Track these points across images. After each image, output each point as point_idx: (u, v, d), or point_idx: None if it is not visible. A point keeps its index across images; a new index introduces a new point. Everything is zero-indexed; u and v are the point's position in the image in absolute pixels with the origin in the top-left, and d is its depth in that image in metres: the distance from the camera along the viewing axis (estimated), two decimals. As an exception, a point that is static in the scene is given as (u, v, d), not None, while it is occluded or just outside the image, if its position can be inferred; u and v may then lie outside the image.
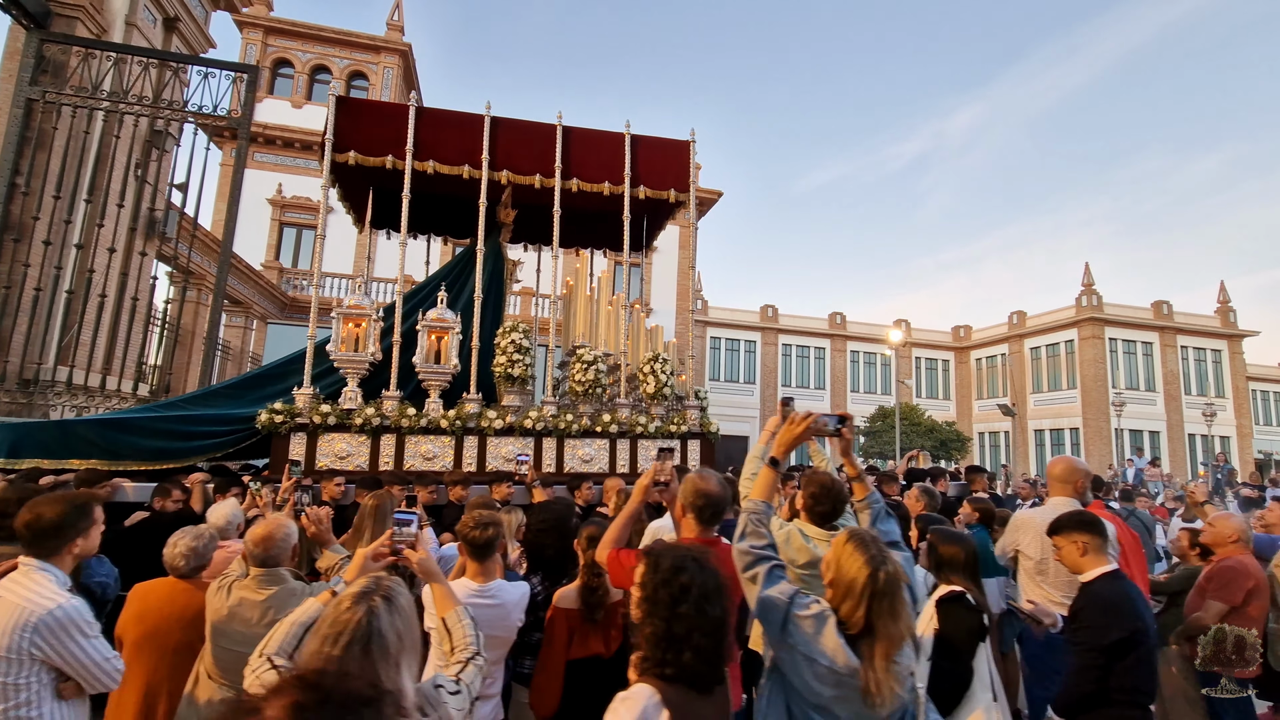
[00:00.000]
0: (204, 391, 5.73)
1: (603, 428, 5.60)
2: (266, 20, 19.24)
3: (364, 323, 5.34)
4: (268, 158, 19.10)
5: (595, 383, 5.70)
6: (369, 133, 5.75)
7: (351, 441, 5.17)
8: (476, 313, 5.68)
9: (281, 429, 4.99)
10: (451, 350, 5.46)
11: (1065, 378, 29.15)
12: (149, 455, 4.76)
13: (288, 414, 5.01)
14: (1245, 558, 3.43)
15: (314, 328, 5.42)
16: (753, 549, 1.84)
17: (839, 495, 2.66)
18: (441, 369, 5.42)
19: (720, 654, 1.52)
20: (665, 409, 5.96)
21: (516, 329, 5.64)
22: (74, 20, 8.00)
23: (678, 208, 6.75)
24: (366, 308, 5.36)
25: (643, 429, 5.68)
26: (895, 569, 1.70)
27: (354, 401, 5.23)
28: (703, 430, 5.89)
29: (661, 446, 3.28)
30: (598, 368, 5.69)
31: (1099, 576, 2.50)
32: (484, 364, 5.76)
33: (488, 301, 6.21)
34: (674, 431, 5.77)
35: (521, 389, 5.71)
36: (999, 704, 2.50)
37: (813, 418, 2.19)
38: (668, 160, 6.32)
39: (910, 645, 1.69)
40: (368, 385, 5.47)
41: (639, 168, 6.19)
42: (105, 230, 7.28)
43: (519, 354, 5.54)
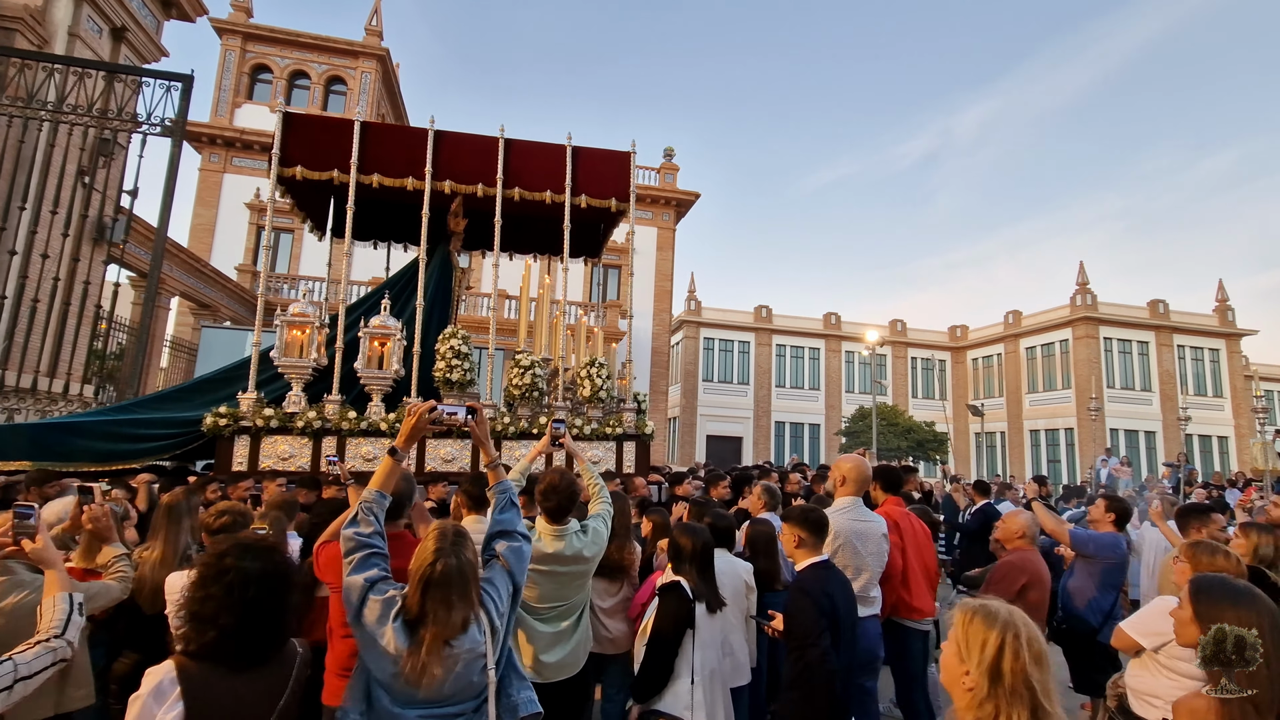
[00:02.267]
0: (155, 396, 6.04)
1: (539, 430, 5.85)
2: (245, 27, 19.63)
3: (307, 329, 5.63)
4: (246, 163, 19.51)
5: (532, 386, 5.96)
6: (316, 147, 6.03)
7: (294, 444, 5.45)
8: (418, 320, 5.95)
9: (225, 431, 5.28)
10: (393, 356, 5.73)
11: (1060, 378, 29.20)
12: (99, 457, 5.06)
13: (231, 417, 5.30)
14: (1027, 553, 3.65)
15: (259, 334, 5.70)
16: (356, 535, 1.91)
17: (566, 493, 2.81)
18: (383, 374, 5.70)
19: (255, 636, 1.56)
20: (603, 411, 6.21)
21: (456, 335, 5.90)
22: (13, 31, 8.32)
23: (620, 215, 6.99)
24: (309, 315, 5.64)
25: (578, 431, 5.93)
26: (461, 563, 1.78)
27: (298, 405, 5.51)
28: (638, 432, 6.14)
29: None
30: (534, 372, 5.95)
31: (806, 566, 2.74)
32: (428, 369, 6.02)
33: (434, 308, 6.48)
34: (609, 434, 6.02)
35: (462, 393, 5.97)
36: (699, 685, 2.70)
37: (427, 407, 2.20)
38: (608, 170, 6.56)
39: (479, 631, 1.80)
40: (314, 390, 5.76)
41: (580, 177, 6.44)
42: (50, 236, 7.61)
43: (458, 359, 5.80)
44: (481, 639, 1.83)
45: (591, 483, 3.25)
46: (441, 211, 6.70)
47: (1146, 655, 2.49)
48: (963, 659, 1.39)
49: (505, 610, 1.97)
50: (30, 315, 7.64)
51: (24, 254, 7.77)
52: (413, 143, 6.19)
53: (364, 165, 6.03)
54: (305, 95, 20.26)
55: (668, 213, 22.92)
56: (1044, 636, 2.72)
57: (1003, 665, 1.32)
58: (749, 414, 31.36)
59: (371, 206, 6.90)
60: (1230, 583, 1.83)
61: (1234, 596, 1.78)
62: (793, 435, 31.84)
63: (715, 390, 31.30)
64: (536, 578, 2.75)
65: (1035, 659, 1.33)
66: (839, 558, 3.23)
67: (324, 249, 19.12)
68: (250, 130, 19.19)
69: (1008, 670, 1.32)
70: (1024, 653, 1.32)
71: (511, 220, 6.85)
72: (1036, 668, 1.32)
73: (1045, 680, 1.33)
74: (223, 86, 19.53)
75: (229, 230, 19.47)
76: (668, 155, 22.93)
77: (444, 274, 6.79)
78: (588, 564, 2.90)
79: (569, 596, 2.89)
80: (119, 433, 5.14)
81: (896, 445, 23.16)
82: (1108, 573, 4.02)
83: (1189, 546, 2.68)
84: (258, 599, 1.55)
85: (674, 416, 31.64)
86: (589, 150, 6.57)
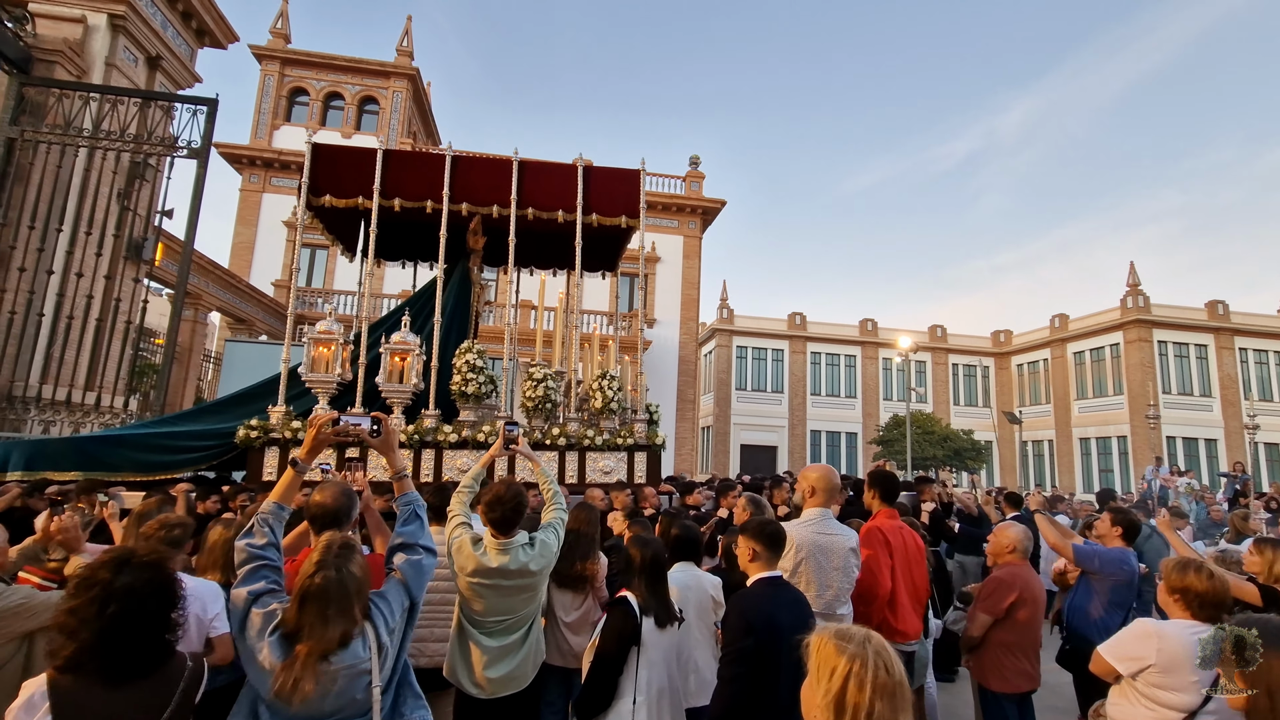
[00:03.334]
0: (194, 409, 6.45)
1: (551, 441, 6.04)
2: (283, 52, 20.68)
3: (332, 346, 5.95)
4: (284, 182, 20.43)
5: (545, 398, 6.14)
6: (342, 175, 6.38)
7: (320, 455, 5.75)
8: (436, 335, 6.21)
9: (256, 443, 5.62)
10: (412, 370, 6.00)
11: (1111, 383, 28.07)
12: (142, 467, 5.45)
13: (262, 430, 5.64)
14: (1017, 569, 3.51)
15: (288, 350, 6.05)
16: (248, 547, 1.89)
17: (511, 504, 2.76)
18: (403, 388, 5.97)
19: (120, 651, 1.55)
20: (616, 423, 6.36)
21: (471, 350, 6.14)
22: (54, 63, 9.04)
23: (633, 232, 7.14)
24: (335, 333, 5.96)
25: (590, 442, 6.09)
26: (342, 576, 1.73)
27: (323, 418, 5.82)
28: (649, 443, 6.26)
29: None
30: (547, 384, 6.14)
31: (755, 581, 2.60)
32: (446, 382, 6.27)
33: (453, 324, 6.75)
34: (620, 444, 6.16)
35: (478, 405, 6.20)
36: (641, 706, 2.57)
37: (328, 419, 2.21)
38: (618, 188, 6.73)
39: (362, 646, 1.76)
40: (339, 403, 6.07)
41: (591, 196, 6.63)
42: (88, 256, 8.22)
43: (473, 373, 6.03)
44: (365, 655, 1.77)
45: (546, 489, 3.17)
46: (461, 230, 6.98)
47: (1125, 682, 2.40)
48: (814, 687, 1.29)
49: (396, 626, 1.91)
50: (66, 331, 8.28)
51: (61, 273, 8.46)
52: (431, 167, 6.49)
53: (386, 190, 6.35)
54: (340, 115, 21.23)
55: (694, 221, 23.02)
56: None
57: (846, 697, 1.23)
58: (784, 423, 31.06)
59: (397, 228, 7.23)
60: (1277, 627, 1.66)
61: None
62: (829, 444, 31.39)
63: (749, 399, 31.13)
64: (482, 591, 2.72)
65: (882, 692, 1.22)
66: (801, 573, 3.10)
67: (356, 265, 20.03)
68: (288, 151, 20.15)
69: (850, 703, 1.22)
70: (868, 685, 1.22)
71: (529, 236, 7.08)
72: (883, 702, 1.21)
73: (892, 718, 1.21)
74: (262, 110, 20.58)
75: (268, 247, 20.46)
76: (693, 163, 23.06)
77: (464, 290, 7.06)
78: (534, 578, 2.82)
79: (516, 610, 2.81)
80: (159, 444, 5.53)
81: (932, 454, 22.60)
82: (1115, 591, 3.82)
83: (1166, 563, 2.57)
84: (121, 614, 1.54)
85: (707, 426, 31.58)
86: (600, 169, 6.77)
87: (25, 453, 5.21)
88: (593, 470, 6.12)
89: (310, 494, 2.68)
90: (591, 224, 6.63)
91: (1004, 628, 3.42)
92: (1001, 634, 3.43)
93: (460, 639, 2.81)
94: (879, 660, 1.25)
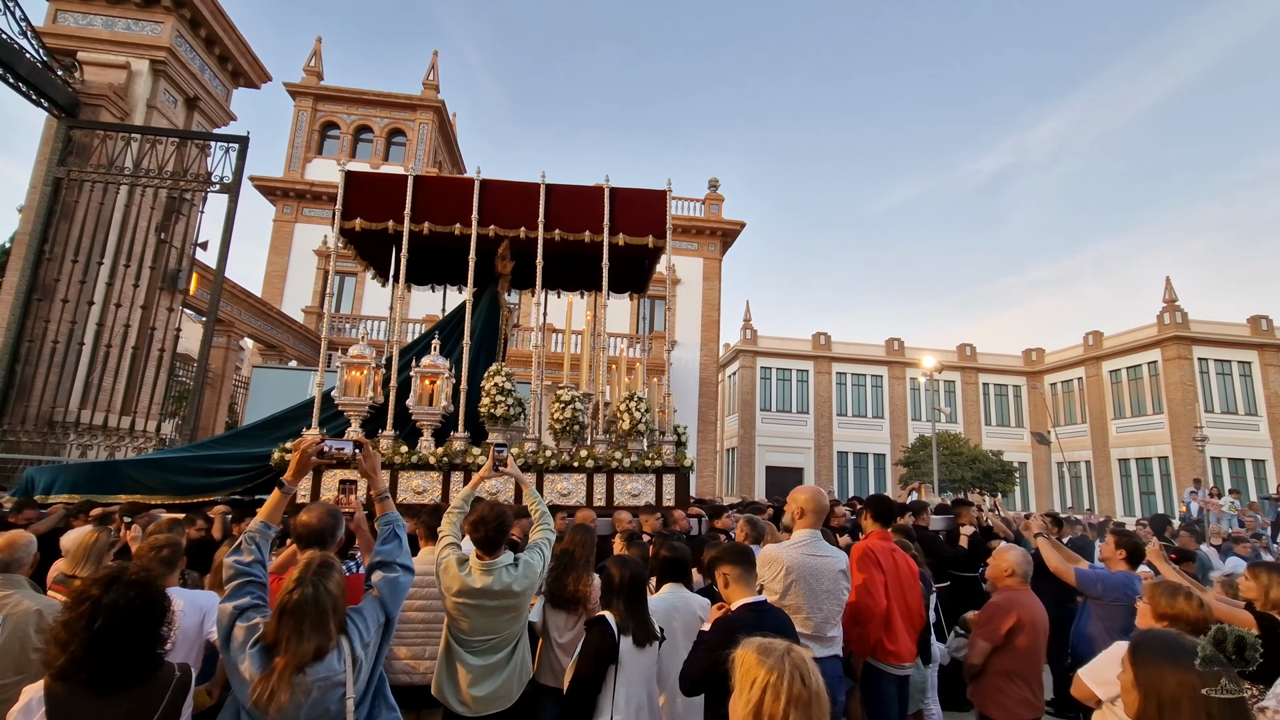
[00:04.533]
0: (231, 433, 6.60)
1: (579, 463, 6.06)
2: (315, 89, 21.78)
3: (365, 370, 6.07)
4: (315, 212, 21.32)
5: (573, 420, 6.18)
6: (374, 201, 6.58)
7: (351, 477, 5.83)
8: (465, 358, 6.30)
9: (290, 466, 5.73)
10: (442, 393, 6.09)
11: (1150, 402, 27.29)
12: (180, 490, 5.59)
13: (296, 453, 5.75)
14: (1017, 594, 3.39)
15: (322, 374, 6.18)
16: (235, 564, 1.99)
17: (495, 524, 2.83)
18: (432, 410, 6.06)
19: (107, 663, 1.65)
20: (643, 445, 6.36)
21: (500, 372, 6.22)
22: (99, 107, 9.53)
23: (660, 251, 7.21)
24: (367, 357, 6.09)
25: (618, 464, 6.10)
26: (318, 592, 1.83)
27: (355, 441, 5.93)
28: (677, 465, 6.24)
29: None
30: (575, 406, 6.18)
31: (739, 607, 2.57)
32: (475, 405, 6.35)
33: (481, 346, 6.85)
34: (648, 466, 6.15)
35: (506, 427, 6.25)
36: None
37: (312, 441, 2.27)
38: (645, 209, 6.82)
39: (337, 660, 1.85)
40: (371, 427, 6.18)
41: (617, 217, 6.73)
42: (126, 287, 8.61)
43: (501, 395, 6.10)
44: (340, 668, 1.87)
45: (534, 509, 3.22)
46: (490, 254, 7.12)
47: (1106, 707, 2.29)
48: (736, 698, 1.34)
49: (372, 640, 2.01)
50: (104, 359, 8.61)
51: (101, 304, 8.83)
52: (460, 192, 6.65)
53: (416, 215, 6.52)
54: (369, 148, 22.13)
55: (714, 243, 23.18)
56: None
57: (764, 708, 1.27)
58: (809, 444, 30.70)
59: (427, 253, 7.40)
60: (1172, 640, 1.62)
61: (1174, 656, 1.55)
62: (856, 465, 30.91)
63: (774, 420, 30.87)
64: (466, 610, 2.77)
65: (796, 702, 1.25)
66: (790, 596, 3.07)
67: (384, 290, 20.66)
68: (319, 183, 21.04)
69: (766, 713, 1.26)
70: (783, 696, 1.25)
71: (557, 259, 7.19)
72: (797, 712, 1.25)
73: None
74: (295, 143, 21.57)
75: (299, 275, 21.19)
76: (712, 186, 23.28)
77: (492, 313, 7.18)
78: (517, 598, 2.85)
79: (500, 629, 2.85)
80: (197, 468, 5.67)
81: (960, 476, 22.08)
82: (1119, 616, 3.71)
83: (1149, 587, 2.49)
84: (107, 629, 1.65)
85: (731, 447, 31.35)
86: (626, 191, 6.87)
87: (69, 477, 5.39)
88: (621, 493, 6.11)
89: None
90: (618, 244, 6.70)
91: (1004, 655, 3.31)
92: (1001, 661, 3.31)
93: (447, 657, 2.85)
94: (795, 672, 1.29)
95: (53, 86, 9.10)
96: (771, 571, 3.12)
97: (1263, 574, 3.00)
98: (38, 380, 8.59)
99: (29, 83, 8.71)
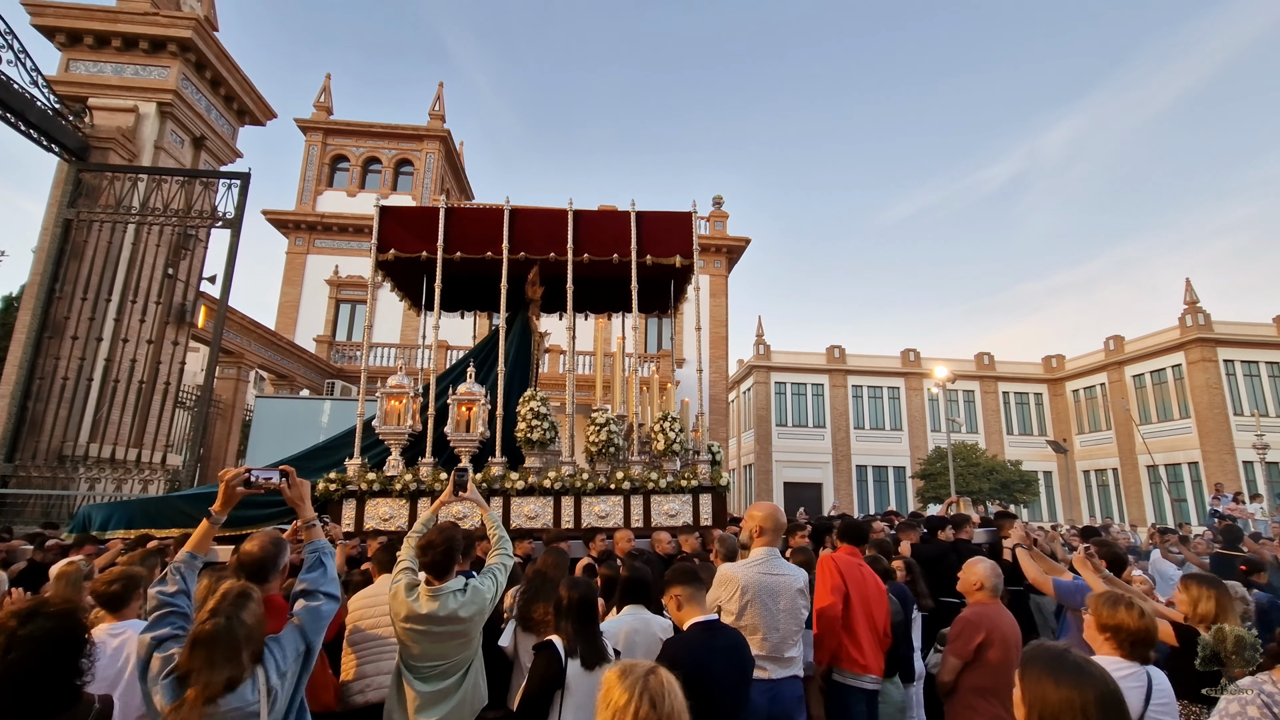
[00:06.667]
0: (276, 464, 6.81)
1: (616, 485, 6.24)
2: (325, 123, 22.70)
3: (403, 399, 6.30)
4: (326, 243, 22.07)
5: (608, 443, 6.37)
6: (407, 233, 6.86)
7: (393, 505, 6.05)
8: (500, 384, 6.52)
9: (335, 495, 5.94)
10: (478, 419, 6.30)
11: (1176, 406, 27.19)
12: (230, 523, 5.77)
13: (340, 482, 5.97)
14: (985, 608, 3.37)
15: (363, 404, 6.42)
16: (159, 594, 2.05)
17: (443, 548, 2.89)
18: (470, 436, 6.27)
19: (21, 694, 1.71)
20: (678, 464, 6.53)
21: (535, 397, 6.44)
22: (108, 150, 9.98)
23: (688, 271, 7.43)
24: (406, 386, 6.33)
25: (654, 485, 6.27)
26: (231, 623, 1.88)
27: (396, 469, 6.14)
28: (713, 484, 6.40)
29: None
30: (610, 429, 6.37)
31: (690, 626, 2.62)
32: (511, 430, 6.55)
33: (515, 372, 7.08)
34: (684, 486, 6.32)
35: (542, 451, 6.45)
36: None
37: (238, 473, 2.37)
38: (671, 230, 7.08)
39: (251, 690, 1.91)
40: (410, 454, 6.39)
41: (644, 238, 6.99)
42: (134, 322, 9.00)
43: (537, 419, 6.31)
44: (254, 699, 1.90)
45: (492, 533, 3.23)
46: (520, 280, 7.38)
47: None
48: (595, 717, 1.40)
49: (289, 670, 2.06)
50: (112, 394, 8.93)
51: (110, 340, 9.16)
52: (491, 220, 6.94)
53: (448, 245, 6.80)
54: (377, 178, 22.94)
55: (719, 260, 23.59)
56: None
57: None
58: (827, 458, 30.70)
59: (459, 281, 7.68)
60: (1058, 655, 1.62)
61: (1058, 671, 1.56)
62: (876, 479, 30.87)
63: (790, 435, 30.92)
64: (414, 636, 2.80)
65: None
66: (747, 616, 3.07)
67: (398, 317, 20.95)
68: (330, 214, 21.81)
69: None
70: (640, 715, 1.31)
71: (586, 283, 7.44)
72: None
73: None
74: (306, 177, 22.37)
75: (312, 305, 21.78)
76: (716, 203, 23.77)
77: (524, 339, 7.42)
78: (464, 624, 2.85)
79: (450, 655, 2.86)
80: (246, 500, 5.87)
81: (977, 488, 21.97)
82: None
83: (1091, 598, 2.46)
84: (20, 661, 1.69)
85: (749, 464, 31.37)
86: (651, 214, 7.15)
87: (125, 513, 5.64)
88: (658, 513, 6.29)
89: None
90: (646, 264, 6.94)
91: (974, 671, 3.27)
92: (972, 678, 3.28)
93: (397, 681, 2.91)
94: (647, 695, 1.33)
95: (63, 132, 9.52)
96: (728, 591, 3.14)
97: (1193, 586, 2.94)
98: (48, 416, 8.91)
99: (40, 129, 9.12)
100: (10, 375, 9.13)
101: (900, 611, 4.05)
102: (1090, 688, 1.50)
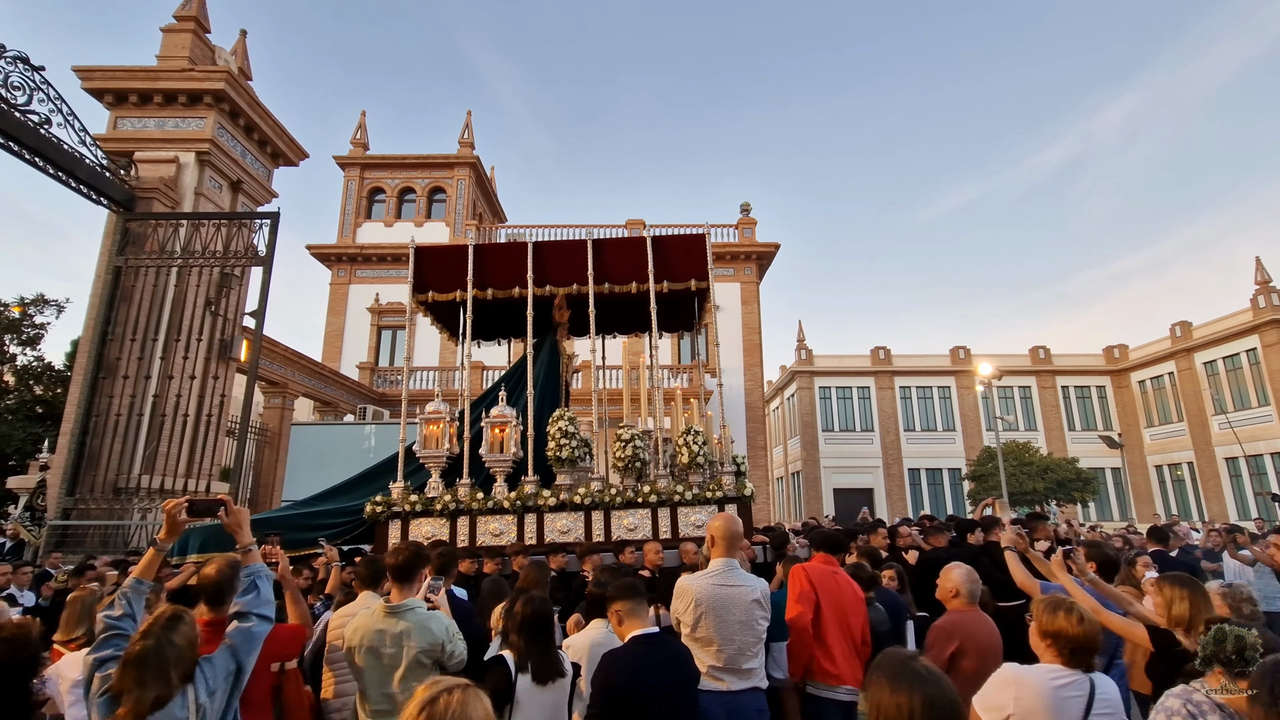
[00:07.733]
0: (328, 490, 7.40)
1: (643, 498, 6.55)
2: (361, 159, 24.18)
3: (441, 424, 6.78)
4: (367, 273, 23.38)
5: (634, 458, 6.69)
6: (440, 272, 7.37)
7: (435, 524, 6.50)
8: (530, 406, 6.94)
9: (381, 517, 6.44)
10: (510, 441, 6.73)
11: (1255, 394, 25.78)
12: (290, 545, 6.33)
13: (385, 505, 6.47)
14: (961, 615, 3.31)
15: (404, 430, 6.93)
16: (105, 618, 2.19)
17: (408, 551, 3.10)
18: (503, 457, 6.69)
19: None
20: (704, 476, 6.80)
21: (564, 417, 6.82)
22: (152, 199, 10.85)
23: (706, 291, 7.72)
24: (444, 412, 6.81)
25: (680, 497, 6.56)
26: (160, 643, 1.99)
27: (436, 490, 6.61)
28: (738, 494, 6.65)
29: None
30: (635, 444, 6.70)
31: (629, 640, 2.70)
32: (543, 449, 6.95)
33: (545, 393, 7.48)
34: (710, 498, 6.58)
35: (573, 468, 6.82)
36: None
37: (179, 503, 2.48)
38: (687, 253, 7.40)
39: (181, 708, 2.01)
40: (449, 475, 6.85)
41: (660, 264, 7.32)
42: (180, 359, 9.81)
43: (565, 438, 6.69)
44: (182, 715, 2.02)
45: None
46: (547, 305, 7.81)
47: None
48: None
49: (219, 689, 2.17)
50: (160, 428, 9.76)
51: (158, 377, 10.01)
52: (516, 256, 7.39)
53: (479, 281, 7.28)
54: (412, 207, 24.25)
55: (749, 267, 23.74)
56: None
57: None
58: (877, 463, 30.23)
59: (492, 310, 8.18)
60: (900, 661, 1.66)
61: (895, 676, 1.61)
62: (930, 482, 30.22)
63: (837, 440, 30.59)
64: (370, 662, 2.91)
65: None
66: (701, 628, 3.10)
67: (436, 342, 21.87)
68: (369, 245, 23.19)
69: None
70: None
71: (609, 305, 7.82)
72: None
73: None
74: (346, 210, 23.85)
75: (355, 332, 23.10)
76: (744, 210, 23.94)
77: (553, 361, 7.84)
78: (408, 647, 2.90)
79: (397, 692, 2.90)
80: (302, 524, 6.45)
81: (1031, 488, 21.21)
82: None
83: (1035, 604, 2.42)
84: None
85: (796, 471, 31.14)
86: (667, 238, 7.48)
87: (198, 538, 6.25)
88: (685, 525, 6.55)
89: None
90: (663, 290, 7.28)
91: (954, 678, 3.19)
92: None
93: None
94: (433, 714, 1.35)
95: (110, 186, 10.37)
96: (683, 604, 3.17)
97: (1166, 587, 2.80)
98: (104, 451, 9.67)
99: (89, 184, 9.94)
100: (70, 414, 9.95)
101: (887, 621, 4.05)
102: (920, 693, 1.55)
